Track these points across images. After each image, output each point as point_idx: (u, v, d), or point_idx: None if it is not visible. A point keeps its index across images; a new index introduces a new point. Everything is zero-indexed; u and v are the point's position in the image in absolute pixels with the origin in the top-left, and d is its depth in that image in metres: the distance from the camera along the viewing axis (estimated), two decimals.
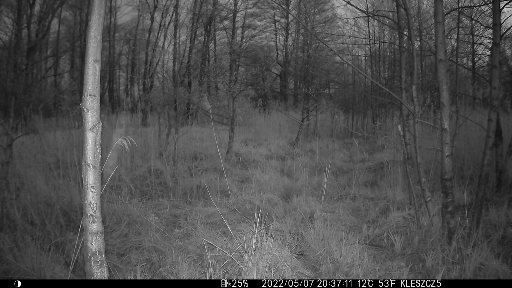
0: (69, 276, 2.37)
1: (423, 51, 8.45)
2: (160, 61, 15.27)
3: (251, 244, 2.57)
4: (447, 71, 2.97)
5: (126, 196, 4.22)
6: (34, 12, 13.43)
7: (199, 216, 3.67)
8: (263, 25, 19.70)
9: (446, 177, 2.92)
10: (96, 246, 1.84)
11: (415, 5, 11.81)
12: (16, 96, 5.62)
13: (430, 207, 3.33)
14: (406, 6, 3.72)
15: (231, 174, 5.82)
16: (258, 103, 15.23)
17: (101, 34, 1.85)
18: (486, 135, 3.22)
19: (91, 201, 1.81)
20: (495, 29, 3.32)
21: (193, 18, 15.91)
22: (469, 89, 10.59)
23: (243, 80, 11.22)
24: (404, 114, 4.13)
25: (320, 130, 11.20)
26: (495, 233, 3.21)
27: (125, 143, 2.35)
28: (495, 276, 2.54)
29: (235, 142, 7.79)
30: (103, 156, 1.92)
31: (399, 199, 4.34)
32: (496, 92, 3.28)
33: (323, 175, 4.47)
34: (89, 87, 1.81)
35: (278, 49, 20.25)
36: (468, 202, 3.70)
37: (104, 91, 17.86)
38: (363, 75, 10.06)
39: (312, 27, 12.63)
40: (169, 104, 7.42)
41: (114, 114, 9.42)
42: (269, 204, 4.25)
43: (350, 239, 3.11)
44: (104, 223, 2.18)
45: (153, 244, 3.02)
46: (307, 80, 10.86)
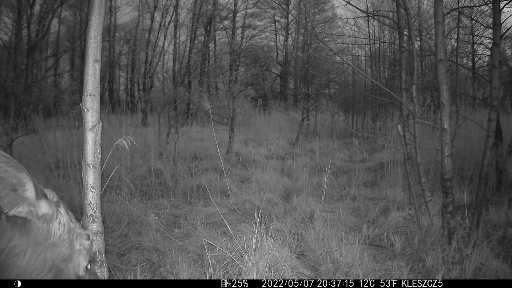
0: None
1: (423, 51, 8.45)
2: (160, 61, 15.29)
3: (251, 244, 2.57)
4: (447, 71, 2.97)
5: (126, 196, 4.22)
6: (34, 12, 13.45)
7: (199, 216, 3.67)
8: (263, 25, 19.73)
9: (446, 177, 2.92)
10: (96, 246, 1.84)
11: (415, 5, 11.82)
12: (16, 96, 5.62)
13: (430, 207, 3.33)
14: (406, 6, 3.72)
15: (231, 174, 5.82)
16: (258, 103, 15.23)
17: (101, 34, 1.85)
18: (486, 135, 3.22)
19: (91, 201, 1.81)
20: (495, 29, 3.32)
21: (193, 18, 15.92)
22: (469, 89, 10.60)
23: (243, 80, 11.24)
24: (404, 114, 4.13)
25: (320, 130, 11.20)
26: (495, 233, 3.21)
27: (125, 143, 2.36)
28: (495, 276, 2.54)
29: (235, 142, 7.79)
30: (103, 156, 1.92)
31: (399, 199, 4.34)
32: (496, 92, 3.28)
33: (323, 175, 4.47)
34: (89, 87, 1.81)
35: (278, 49, 20.27)
36: (468, 202, 3.70)
37: (104, 91, 17.87)
38: (363, 75, 10.07)
39: (312, 27, 12.63)
40: (169, 104, 7.42)
41: (114, 114, 9.42)
42: (269, 204, 4.25)
43: (350, 239, 3.11)
44: (104, 223, 2.18)
45: (153, 244, 3.01)
46: (307, 80, 10.86)
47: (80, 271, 0.86)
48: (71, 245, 0.85)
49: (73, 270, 0.85)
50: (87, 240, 0.88)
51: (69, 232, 0.85)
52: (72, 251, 0.85)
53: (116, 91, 19.95)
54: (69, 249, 0.84)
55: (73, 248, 0.85)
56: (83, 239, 0.87)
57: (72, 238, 0.85)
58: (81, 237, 0.87)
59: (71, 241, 0.85)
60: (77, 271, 0.86)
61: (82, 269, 0.87)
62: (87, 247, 0.88)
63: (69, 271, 0.84)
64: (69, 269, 0.84)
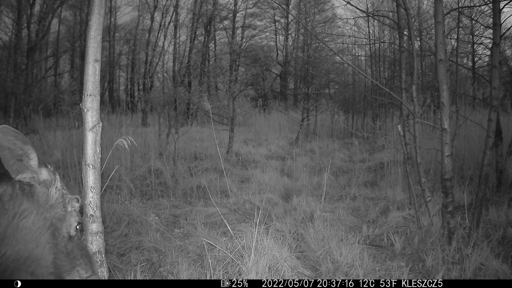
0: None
1: (423, 51, 8.46)
2: (160, 61, 15.29)
3: (251, 244, 2.57)
4: (447, 71, 2.97)
5: (126, 196, 4.22)
6: (34, 12, 13.43)
7: (199, 216, 3.66)
8: (263, 25, 19.72)
9: (446, 177, 2.92)
10: (96, 246, 1.84)
11: (415, 5, 11.82)
12: (16, 96, 5.62)
13: (430, 207, 3.33)
14: (406, 6, 3.72)
15: (231, 174, 5.81)
16: (258, 103, 15.23)
17: (101, 34, 1.85)
18: (486, 135, 3.22)
19: (91, 201, 1.81)
20: (495, 29, 3.32)
21: (193, 18, 15.92)
22: (469, 89, 10.60)
23: (243, 80, 11.24)
24: (404, 114, 4.13)
25: (320, 130, 11.19)
26: (495, 233, 3.21)
27: (125, 143, 2.36)
28: (495, 276, 2.54)
29: (235, 142, 7.79)
30: (103, 156, 1.92)
31: (399, 199, 4.34)
32: (496, 92, 3.28)
33: (323, 175, 4.46)
34: (89, 87, 1.80)
35: (278, 49, 20.27)
36: (468, 202, 3.70)
37: (104, 91, 17.86)
38: (363, 75, 10.06)
39: (312, 27, 12.63)
40: (169, 104, 7.42)
41: (114, 114, 9.42)
42: (269, 204, 4.25)
43: (350, 239, 3.11)
44: (104, 223, 2.18)
45: (153, 244, 3.01)
46: (307, 80, 10.86)
47: (71, 231, 0.99)
48: (65, 207, 0.99)
49: (66, 229, 0.98)
50: (77, 203, 1.03)
51: (63, 196, 0.99)
52: (65, 212, 0.99)
53: (116, 91, 19.95)
54: (63, 210, 0.98)
55: (66, 209, 0.99)
56: (74, 202, 1.02)
57: (65, 201, 0.99)
58: (72, 200, 1.02)
59: (65, 204, 0.99)
60: (69, 230, 0.99)
61: (73, 228, 1.00)
62: (77, 209, 1.03)
63: (63, 229, 0.97)
64: (63, 228, 0.98)
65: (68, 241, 1.01)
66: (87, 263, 1.08)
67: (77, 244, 1.04)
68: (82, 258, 1.06)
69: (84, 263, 1.07)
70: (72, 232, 1.00)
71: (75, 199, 1.03)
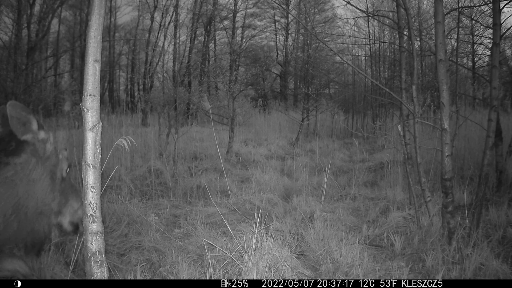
0: (69, 276, 2.36)
1: (423, 51, 8.46)
2: (160, 61, 15.29)
3: (251, 244, 2.57)
4: (447, 71, 2.97)
5: (126, 196, 4.22)
6: (34, 12, 13.43)
7: (199, 216, 3.66)
8: (263, 25, 19.69)
9: (446, 177, 2.92)
10: (96, 246, 1.83)
11: (415, 5, 11.82)
12: (16, 96, 5.63)
13: (430, 207, 3.33)
14: (406, 6, 3.72)
15: (231, 174, 5.81)
16: (258, 103, 15.22)
17: (101, 34, 1.84)
18: (486, 135, 3.22)
19: (91, 201, 1.81)
20: (495, 29, 3.32)
21: (193, 18, 15.92)
22: (469, 89, 10.60)
23: (243, 80, 11.24)
24: (404, 114, 4.13)
25: (320, 130, 11.19)
26: (495, 233, 3.21)
27: (125, 143, 2.35)
28: (495, 276, 2.54)
29: (235, 142, 7.79)
30: (103, 156, 1.92)
31: (399, 199, 4.34)
32: (496, 92, 3.28)
33: (323, 175, 4.46)
34: (89, 87, 1.80)
35: (278, 49, 20.24)
36: (468, 202, 3.70)
37: (104, 91, 17.84)
38: (363, 75, 10.06)
39: (312, 27, 12.63)
40: (169, 104, 7.42)
41: (114, 114, 9.42)
42: (269, 204, 4.25)
43: (350, 239, 3.11)
44: (104, 223, 2.18)
45: (153, 244, 3.01)
46: (307, 80, 10.86)
47: (63, 173, 1.38)
48: (57, 156, 1.36)
49: (60, 172, 1.36)
50: (65, 151, 1.41)
51: (55, 148, 1.35)
52: (58, 159, 1.36)
53: (116, 91, 19.91)
54: (56, 159, 1.35)
55: (58, 158, 1.36)
56: (63, 151, 1.40)
57: (57, 151, 1.36)
58: (62, 150, 1.39)
59: (57, 154, 1.36)
60: (62, 173, 1.38)
61: (65, 171, 1.39)
62: (66, 156, 1.40)
63: (58, 173, 1.35)
64: (57, 172, 1.35)
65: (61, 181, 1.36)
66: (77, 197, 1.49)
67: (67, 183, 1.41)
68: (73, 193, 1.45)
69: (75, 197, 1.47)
70: (64, 174, 1.38)
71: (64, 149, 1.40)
